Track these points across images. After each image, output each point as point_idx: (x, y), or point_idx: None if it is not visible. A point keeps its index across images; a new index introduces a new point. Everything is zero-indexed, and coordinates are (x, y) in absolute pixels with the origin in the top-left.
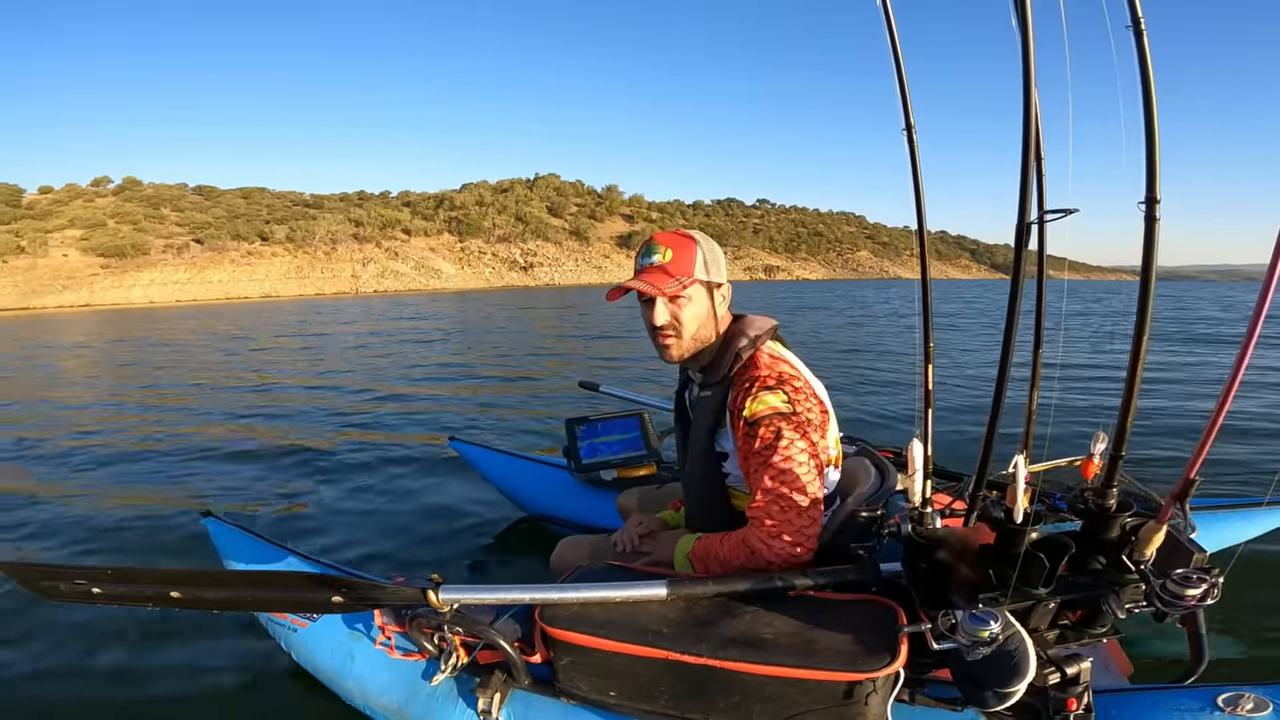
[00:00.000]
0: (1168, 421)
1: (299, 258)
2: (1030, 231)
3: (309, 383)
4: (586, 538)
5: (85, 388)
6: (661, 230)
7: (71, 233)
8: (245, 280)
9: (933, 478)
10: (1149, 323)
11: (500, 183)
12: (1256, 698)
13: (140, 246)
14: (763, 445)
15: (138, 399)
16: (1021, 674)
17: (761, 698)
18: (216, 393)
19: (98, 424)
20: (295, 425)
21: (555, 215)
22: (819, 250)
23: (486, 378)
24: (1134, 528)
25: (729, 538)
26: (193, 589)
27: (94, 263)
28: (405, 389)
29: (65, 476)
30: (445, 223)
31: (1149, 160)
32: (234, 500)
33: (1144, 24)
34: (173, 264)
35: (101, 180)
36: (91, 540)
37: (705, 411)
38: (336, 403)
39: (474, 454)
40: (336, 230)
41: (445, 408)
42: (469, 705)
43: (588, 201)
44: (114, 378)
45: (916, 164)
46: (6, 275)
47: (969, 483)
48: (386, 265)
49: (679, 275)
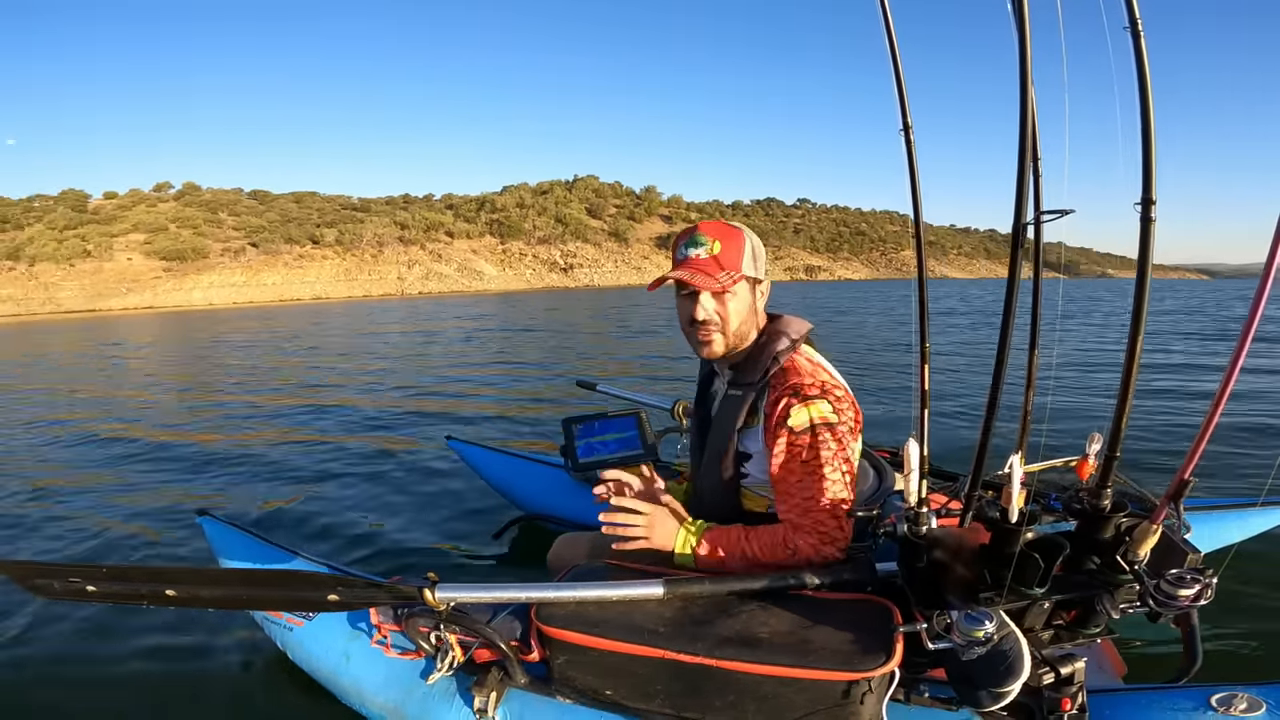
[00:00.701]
0: (1165, 421)
1: (347, 260)
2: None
3: (319, 382)
4: (584, 535)
5: (165, 389)
6: (707, 221)
7: (135, 237)
8: (298, 282)
9: (929, 478)
10: (1144, 323)
11: (540, 185)
12: (1250, 697)
13: (200, 250)
14: (811, 456)
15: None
16: (1016, 674)
17: (757, 697)
18: (232, 393)
19: (116, 422)
20: (295, 425)
21: (594, 216)
22: (862, 250)
23: (498, 379)
24: (1128, 528)
25: (757, 536)
26: (188, 587)
27: (156, 266)
28: (413, 385)
29: (66, 471)
30: (487, 225)
31: (1145, 162)
32: (232, 500)
33: (1141, 25)
34: (230, 267)
35: (163, 185)
36: (84, 541)
37: (732, 410)
38: (337, 402)
39: (471, 453)
40: (383, 233)
41: (445, 407)
42: (465, 704)
43: (626, 203)
44: (183, 378)
45: (914, 164)
46: (74, 279)
47: (965, 483)
48: (430, 267)
49: (728, 269)
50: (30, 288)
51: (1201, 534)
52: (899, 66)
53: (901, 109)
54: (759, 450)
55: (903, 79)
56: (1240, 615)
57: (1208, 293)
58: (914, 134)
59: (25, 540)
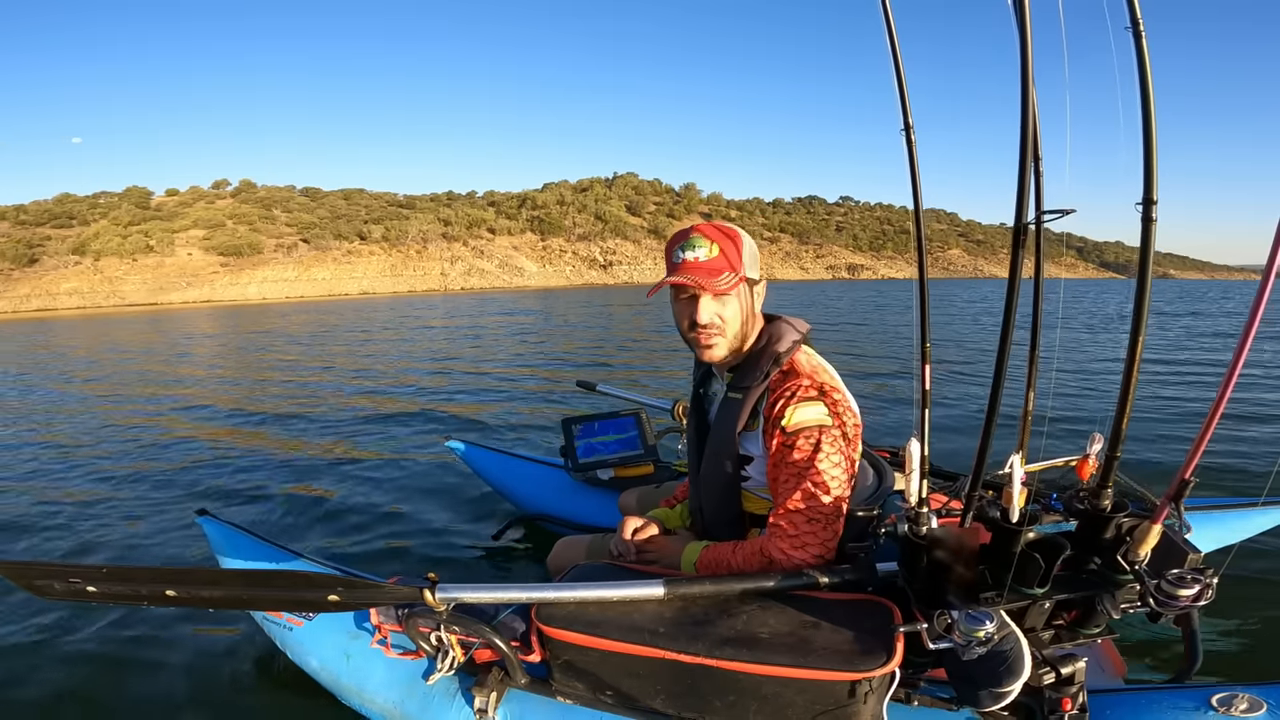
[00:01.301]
0: (1163, 422)
1: (393, 256)
2: (1029, 231)
3: (330, 381)
4: (583, 538)
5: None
6: (703, 223)
7: (195, 233)
8: (346, 278)
9: (929, 478)
10: (1145, 323)
11: (580, 182)
12: (1250, 698)
13: (254, 246)
14: (800, 457)
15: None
16: (1016, 674)
17: (758, 697)
18: (249, 388)
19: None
20: (294, 424)
21: (634, 214)
22: (906, 248)
23: (507, 377)
24: (1129, 528)
25: (741, 548)
26: (189, 587)
27: (214, 261)
28: (423, 382)
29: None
30: (528, 222)
31: (1146, 162)
32: (230, 499)
33: (1143, 25)
34: (282, 262)
35: (221, 183)
36: (80, 539)
37: (732, 413)
38: (336, 402)
39: (471, 453)
40: (427, 230)
41: (448, 407)
42: (465, 704)
43: (666, 200)
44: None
45: (915, 164)
46: (137, 273)
47: (965, 483)
48: (472, 264)
49: (727, 271)
50: (95, 281)
51: (1202, 534)
52: (900, 66)
53: (903, 109)
54: (760, 453)
55: (904, 79)
56: (1241, 615)
57: None
58: (915, 134)
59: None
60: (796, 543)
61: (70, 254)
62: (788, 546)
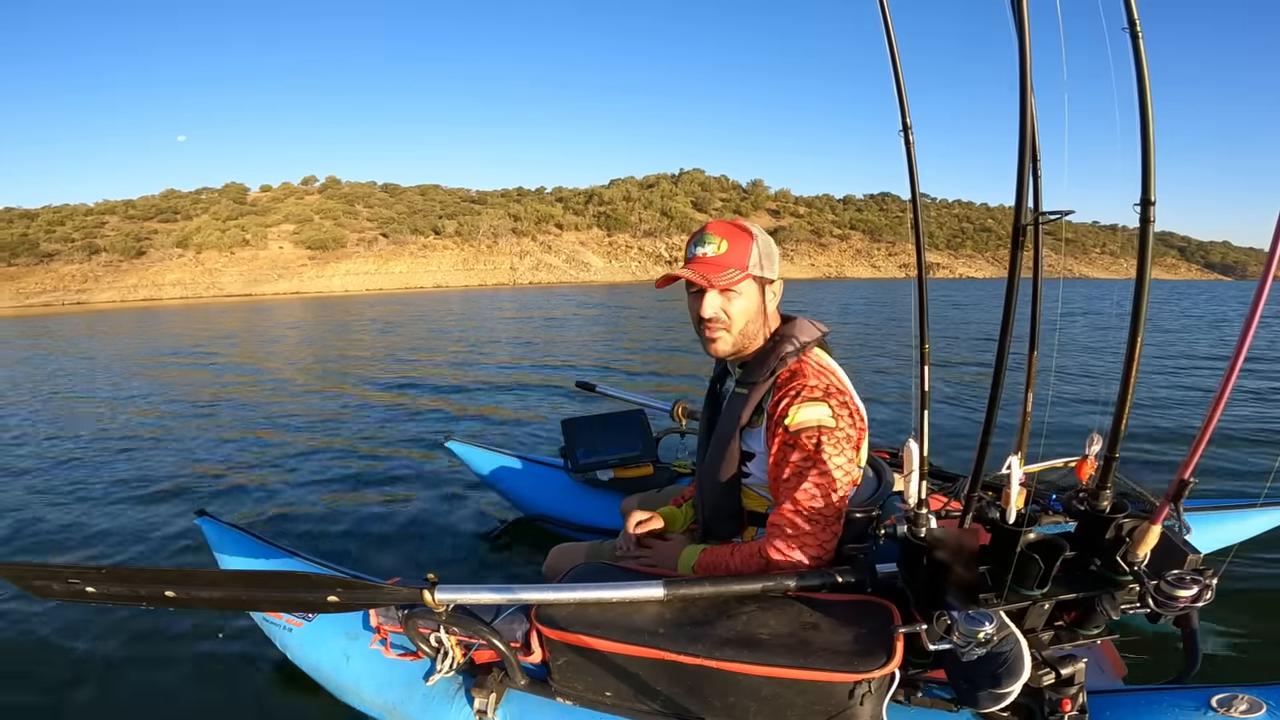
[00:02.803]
0: (1163, 423)
1: (465, 251)
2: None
3: (346, 377)
4: (580, 545)
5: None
6: (718, 220)
7: (286, 227)
8: (421, 271)
9: (928, 479)
10: (1143, 324)
11: (646, 178)
12: (1250, 698)
13: (339, 240)
14: (801, 457)
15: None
16: (1016, 674)
17: (757, 698)
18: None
19: None
20: (291, 425)
21: (700, 210)
22: (987, 247)
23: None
24: (1129, 529)
25: (739, 549)
26: (188, 588)
27: (303, 255)
28: (424, 382)
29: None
30: (594, 218)
31: (1144, 163)
32: (230, 499)
33: (1140, 27)
34: (363, 256)
35: (309, 179)
36: (80, 538)
37: (737, 408)
38: (336, 401)
39: (470, 454)
40: (498, 225)
41: (449, 405)
42: (465, 705)
43: (733, 196)
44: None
45: (913, 165)
46: (234, 265)
47: (965, 484)
48: (540, 258)
49: (732, 267)
50: (197, 273)
51: (1202, 535)
52: (898, 67)
53: (901, 109)
54: (761, 450)
55: (902, 79)
56: (1241, 616)
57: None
58: (913, 134)
59: None
60: (794, 544)
61: (174, 246)
62: (785, 547)
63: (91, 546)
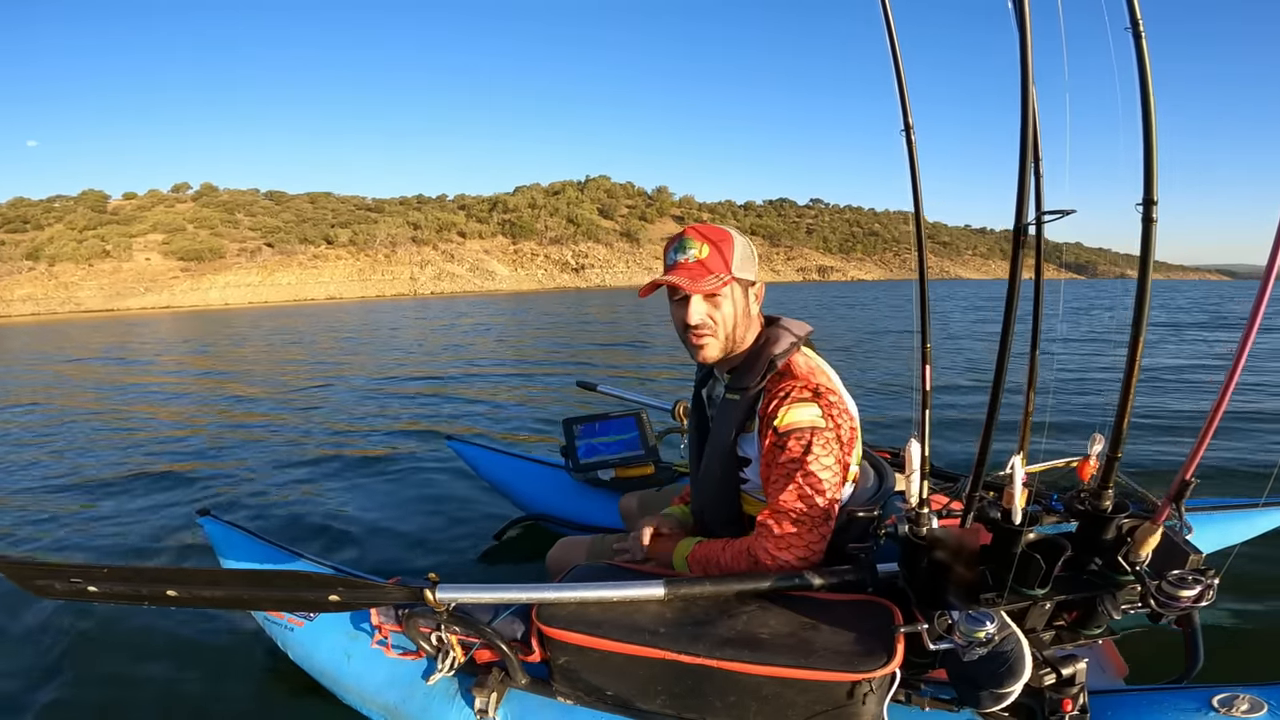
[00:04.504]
0: (1164, 423)
1: (361, 260)
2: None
3: (316, 383)
4: (583, 538)
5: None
6: (696, 225)
7: (154, 237)
8: (312, 283)
9: (930, 478)
10: (1145, 324)
11: (552, 185)
12: (1251, 698)
13: (216, 250)
14: (790, 458)
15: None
16: (1017, 674)
17: (758, 698)
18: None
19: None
20: (291, 425)
21: (606, 217)
22: (875, 250)
23: (497, 375)
24: (1130, 529)
25: (730, 546)
26: (189, 588)
27: (174, 266)
28: (413, 389)
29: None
30: (499, 225)
31: (1146, 162)
32: (231, 499)
33: (1143, 26)
34: (245, 267)
35: (181, 186)
36: (85, 538)
37: (730, 415)
38: (334, 401)
39: (471, 454)
40: (396, 233)
41: (447, 407)
42: (466, 704)
43: (638, 203)
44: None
45: (915, 165)
46: (93, 278)
47: (966, 483)
48: (443, 268)
49: (716, 272)
50: (50, 287)
51: (1203, 535)
52: (900, 66)
53: (903, 109)
54: (757, 456)
55: (904, 79)
56: (1242, 616)
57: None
58: (915, 134)
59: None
60: (782, 544)
61: (24, 259)
62: (773, 547)
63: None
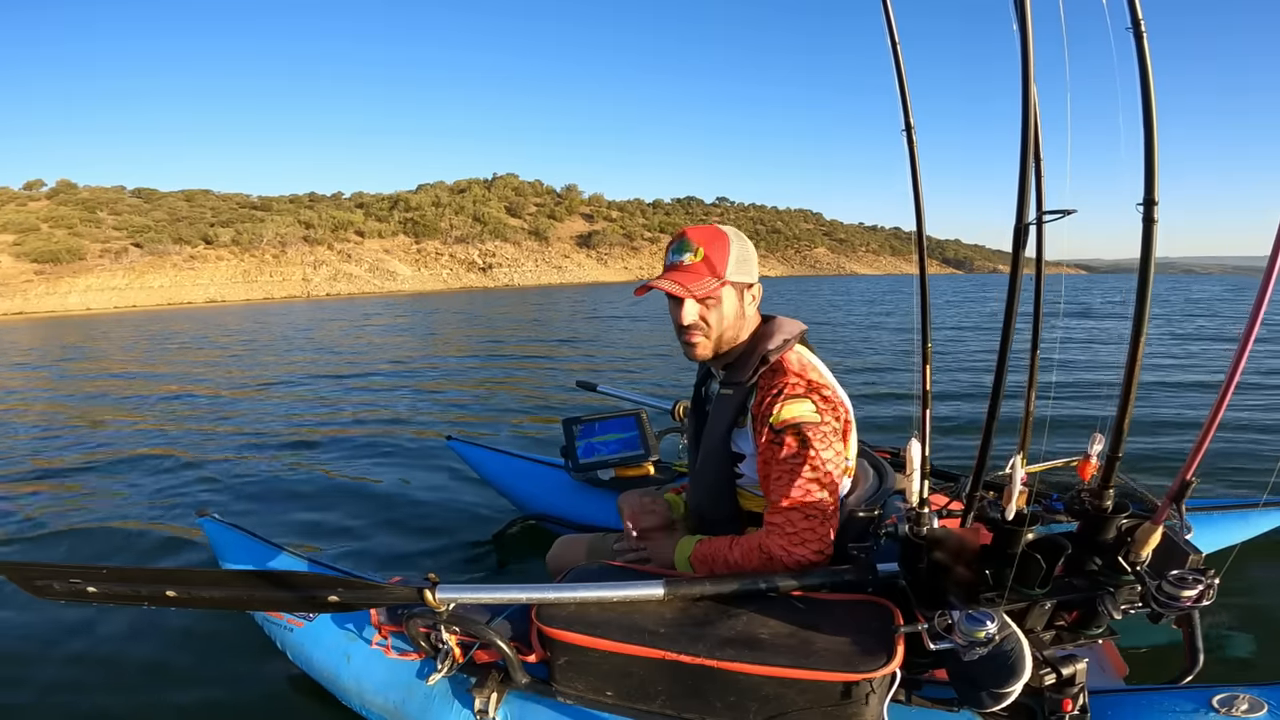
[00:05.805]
0: (1165, 422)
1: (246, 261)
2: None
3: (294, 381)
4: (583, 536)
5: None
6: (695, 227)
7: (3, 238)
8: (189, 285)
9: (930, 478)
10: (1146, 323)
11: (457, 183)
12: (1251, 698)
13: (76, 251)
14: (788, 454)
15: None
16: (1017, 674)
17: (758, 698)
18: (205, 394)
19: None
20: (290, 424)
21: (514, 215)
22: (777, 247)
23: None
24: (1130, 529)
25: (739, 543)
26: (189, 588)
27: (27, 269)
28: (403, 385)
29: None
30: (400, 224)
31: (1148, 162)
32: (230, 500)
33: (1144, 26)
34: (110, 269)
35: (34, 184)
36: (84, 543)
37: (724, 410)
38: (331, 401)
39: (471, 453)
40: (286, 233)
41: (447, 409)
42: (465, 705)
43: (547, 201)
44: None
45: (915, 165)
46: None
47: (966, 483)
48: (339, 268)
49: (710, 276)
50: None
51: (1203, 535)
52: (901, 66)
53: (904, 108)
54: (751, 451)
55: (904, 78)
56: (1242, 616)
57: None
58: (915, 134)
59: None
60: (795, 539)
61: None
62: (787, 544)
63: None
